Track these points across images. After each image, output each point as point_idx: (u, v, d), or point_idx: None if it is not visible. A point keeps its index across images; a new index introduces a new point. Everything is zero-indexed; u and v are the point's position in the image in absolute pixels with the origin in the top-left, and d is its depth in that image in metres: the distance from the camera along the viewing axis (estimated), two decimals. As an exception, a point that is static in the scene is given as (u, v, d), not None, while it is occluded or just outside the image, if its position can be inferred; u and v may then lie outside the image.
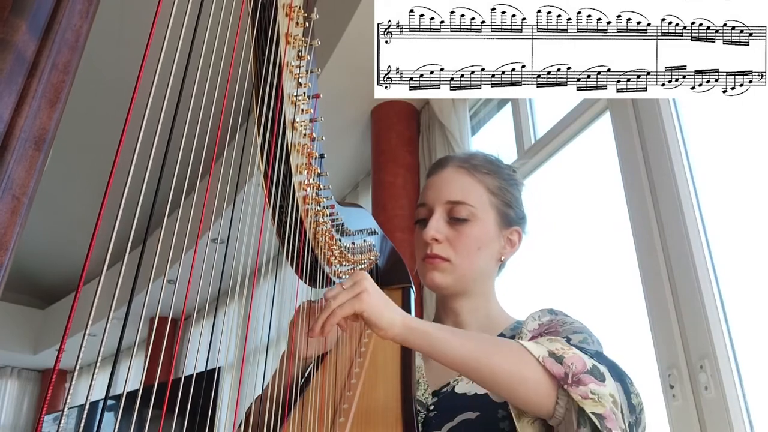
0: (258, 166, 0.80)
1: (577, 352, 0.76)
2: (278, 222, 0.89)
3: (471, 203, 1.00)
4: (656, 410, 1.66)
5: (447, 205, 1.01)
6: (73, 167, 4.11)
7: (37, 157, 0.38)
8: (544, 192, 2.50)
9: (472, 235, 1.00)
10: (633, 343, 1.85)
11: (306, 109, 0.84)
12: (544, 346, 0.77)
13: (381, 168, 3.25)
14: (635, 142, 1.94)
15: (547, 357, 0.75)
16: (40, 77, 0.38)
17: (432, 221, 1.00)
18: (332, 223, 1.00)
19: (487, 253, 1.01)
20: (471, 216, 1.00)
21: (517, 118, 2.71)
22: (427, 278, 1.02)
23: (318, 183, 0.92)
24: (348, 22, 2.80)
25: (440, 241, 0.99)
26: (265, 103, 0.76)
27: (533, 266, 2.33)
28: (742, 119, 1.76)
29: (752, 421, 1.48)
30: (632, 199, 1.91)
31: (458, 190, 1.02)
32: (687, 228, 1.70)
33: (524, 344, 0.77)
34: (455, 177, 1.03)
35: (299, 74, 0.81)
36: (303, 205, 0.90)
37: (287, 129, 0.82)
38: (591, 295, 2.11)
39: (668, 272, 1.72)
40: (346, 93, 3.23)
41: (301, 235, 0.92)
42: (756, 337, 1.55)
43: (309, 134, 0.87)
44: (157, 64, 0.41)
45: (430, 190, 1.05)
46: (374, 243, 1.24)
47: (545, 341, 0.79)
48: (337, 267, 1.08)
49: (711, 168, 1.78)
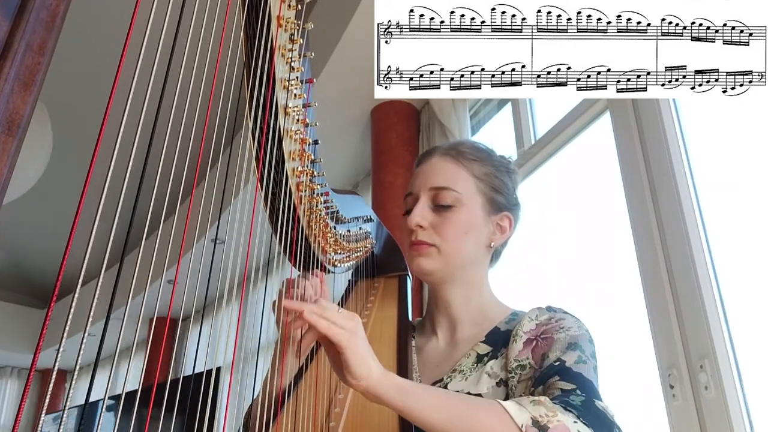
0: (249, 149, 0.77)
1: (562, 419, 0.71)
2: (270, 208, 0.87)
3: (456, 189, 0.99)
4: (656, 410, 1.66)
5: (431, 192, 1.00)
6: (74, 167, 4.10)
7: (10, 142, 0.36)
8: (544, 192, 2.50)
9: (458, 221, 0.98)
10: (633, 343, 1.85)
11: (299, 94, 0.82)
12: (527, 411, 0.72)
13: (381, 168, 3.25)
14: (635, 142, 1.93)
15: (530, 426, 0.70)
16: (13, 59, 0.37)
17: (416, 208, 0.99)
18: (327, 211, 0.98)
19: (475, 238, 0.99)
20: (456, 202, 0.98)
21: (517, 118, 2.71)
22: (413, 265, 1.00)
23: (312, 170, 0.90)
24: (348, 23, 2.80)
25: (425, 227, 0.98)
26: (256, 86, 0.74)
27: (533, 266, 2.33)
28: (742, 119, 1.76)
29: (752, 421, 1.48)
30: (632, 199, 1.90)
31: (442, 176, 1.00)
32: (687, 228, 1.70)
33: (507, 408, 0.72)
34: (440, 164, 1.02)
35: (291, 58, 0.79)
36: (296, 192, 0.88)
37: (279, 113, 0.80)
38: (591, 295, 2.11)
39: (668, 272, 1.72)
40: (346, 93, 3.23)
41: (294, 222, 0.90)
42: (756, 337, 1.55)
43: (302, 120, 0.85)
44: (154, 56, 0.41)
45: (416, 179, 1.03)
46: (370, 230, 1.22)
47: (528, 403, 0.73)
48: (332, 255, 1.06)
49: (711, 168, 1.78)
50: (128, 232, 0.39)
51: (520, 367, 0.88)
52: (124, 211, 0.38)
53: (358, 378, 0.70)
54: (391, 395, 0.71)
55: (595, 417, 0.74)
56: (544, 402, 0.73)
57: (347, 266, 1.18)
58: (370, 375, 0.71)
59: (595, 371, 0.84)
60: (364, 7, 2.70)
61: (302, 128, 0.86)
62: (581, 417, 0.72)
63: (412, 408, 0.71)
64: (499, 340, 0.94)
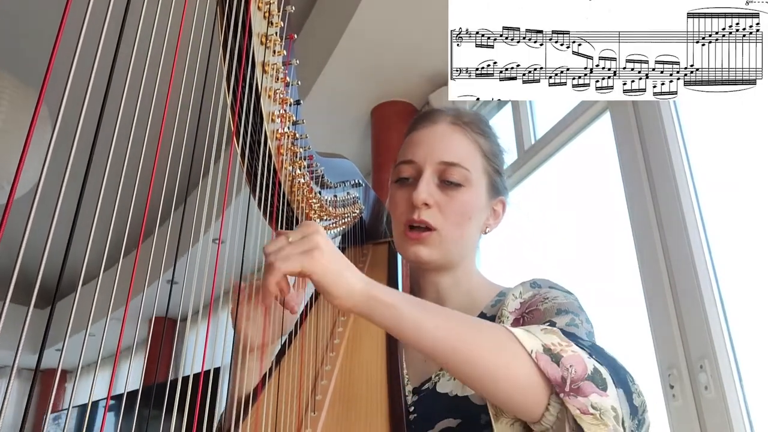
0: (227, 105, 0.70)
1: (577, 350, 0.64)
2: (248, 167, 0.80)
3: (466, 166, 0.89)
4: (656, 410, 1.65)
5: (440, 166, 0.89)
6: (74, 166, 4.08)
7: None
8: (544, 192, 2.50)
9: (466, 202, 0.88)
10: (633, 343, 1.85)
11: (278, 50, 0.76)
12: (538, 338, 0.64)
13: (381, 168, 3.24)
14: (635, 142, 1.93)
15: (541, 353, 0.62)
16: None
17: (422, 183, 0.87)
18: (311, 175, 0.92)
19: (476, 223, 0.91)
20: (465, 180, 0.89)
21: (517, 118, 2.70)
22: (409, 252, 0.89)
23: (294, 132, 0.84)
24: (348, 22, 2.80)
25: (430, 205, 0.88)
26: (230, 37, 0.67)
27: (532, 266, 2.33)
28: (742, 119, 1.76)
29: (752, 421, 1.48)
30: (632, 199, 1.90)
31: (454, 149, 0.90)
32: (687, 228, 1.70)
33: (515, 332, 0.64)
34: (449, 134, 0.91)
35: (270, 12, 0.73)
36: (277, 156, 0.82)
37: (256, 69, 0.73)
38: (591, 295, 2.10)
39: (668, 272, 1.72)
40: (346, 93, 3.23)
41: (275, 187, 0.84)
42: (756, 337, 1.55)
43: (282, 78, 0.79)
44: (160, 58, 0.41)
45: (420, 147, 0.91)
46: (358, 195, 1.16)
47: (538, 331, 0.65)
48: (317, 222, 0.99)
49: (711, 168, 1.78)
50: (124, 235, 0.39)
51: None
52: (125, 210, 0.38)
53: (339, 298, 0.62)
54: (379, 314, 0.63)
55: (608, 358, 0.67)
56: (556, 332, 0.66)
57: (334, 233, 1.12)
58: (352, 292, 0.63)
59: (589, 337, 0.74)
60: (364, 8, 2.70)
61: (282, 87, 0.79)
62: (593, 355, 0.65)
63: (404, 328, 0.63)
64: None
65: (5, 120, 2.41)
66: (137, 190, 0.41)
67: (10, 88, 2.51)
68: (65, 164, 0.32)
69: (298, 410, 0.77)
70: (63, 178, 0.32)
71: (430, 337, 0.62)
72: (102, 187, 0.38)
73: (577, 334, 0.71)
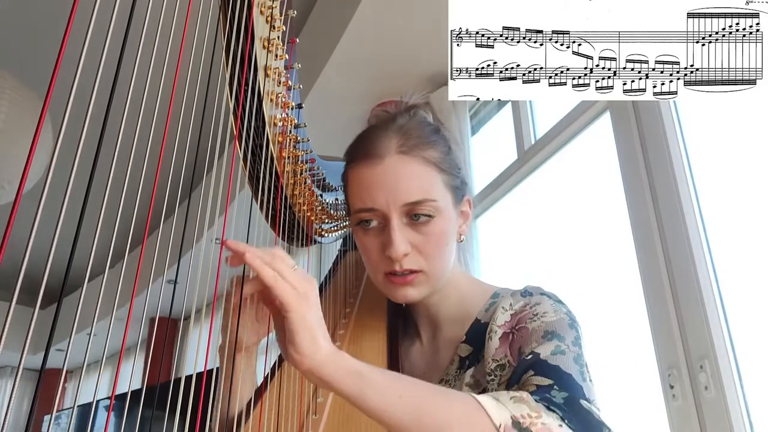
0: (231, 112, 0.71)
1: (547, 422, 0.61)
2: (250, 171, 0.80)
3: (432, 197, 0.84)
4: (656, 410, 1.66)
5: (405, 207, 0.83)
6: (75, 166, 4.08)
7: None
8: (544, 192, 2.50)
9: (439, 233, 0.85)
10: (633, 343, 1.85)
11: (280, 54, 0.76)
12: (507, 410, 0.61)
13: (381, 168, 3.24)
14: (635, 142, 1.93)
15: (509, 427, 0.60)
16: None
17: (395, 235, 0.82)
18: (313, 179, 0.92)
19: (452, 241, 0.89)
20: (434, 211, 0.84)
21: (517, 118, 2.71)
22: (398, 295, 0.86)
23: (295, 135, 0.84)
24: (348, 22, 2.80)
25: (408, 253, 0.84)
26: (233, 41, 0.68)
27: (532, 266, 2.33)
28: (742, 119, 1.76)
29: (752, 421, 1.48)
30: (632, 199, 1.90)
31: (414, 186, 0.84)
32: (687, 228, 1.70)
33: (483, 403, 0.61)
34: (402, 168, 0.84)
35: (272, 16, 0.73)
36: (278, 159, 0.82)
37: (258, 73, 0.73)
38: (591, 295, 2.11)
39: (668, 272, 1.72)
40: (346, 93, 3.23)
41: (277, 190, 0.84)
42: (756, 337, 1.55)
43: (285, 82, 0.79)
44: (164, 61, 0.41)
45: (377, 192, 0.84)
46: None
47: (508, 400, 0.63)
48: (318, 225, 1.01)
49: (711, 168, 1.78)
50: (130, 234, 0.39)
51: (500, 368, 0.79)
52: (125, 211, 0.38)
53: (301, 353, 0.59)
54: (341, 379, 0.59)
55: (582, 418, 0.64)
56: (526, 400, 0.63)
57: (336, 236, 1.13)
58: (316, 352, 0.59)
59: (577, 361, 0.73)
60: (364, 7, 2.70)
61: (285, 91, 0.79)
62: (566, 419, 0.63)
63: (368, 397, 0.58)
64: (480, 335, 0.85)
65: (5, 120, 2.42)
66: (140, 193, 0.42)
67: (10, 88, 2.51)
68: (63, 170, 0.32)
69: (300, 413, 0.77)
70: (67, 184, 0.32)
71: (394, 411, 0.59)
72: (106, 189, 0.38)
73: (561, 366, 0.70)
